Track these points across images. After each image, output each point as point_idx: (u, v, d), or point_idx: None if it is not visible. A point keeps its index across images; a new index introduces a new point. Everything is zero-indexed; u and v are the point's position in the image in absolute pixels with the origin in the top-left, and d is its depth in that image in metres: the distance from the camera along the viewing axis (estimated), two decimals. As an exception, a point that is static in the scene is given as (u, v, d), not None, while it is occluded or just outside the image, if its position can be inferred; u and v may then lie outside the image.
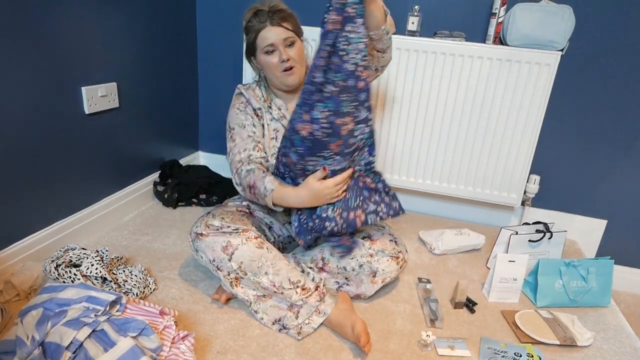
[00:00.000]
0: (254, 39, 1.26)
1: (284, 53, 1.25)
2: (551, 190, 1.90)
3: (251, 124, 1.34)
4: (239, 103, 1.37)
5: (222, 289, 1.29)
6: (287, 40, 1.25)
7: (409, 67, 1.72)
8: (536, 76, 1.62)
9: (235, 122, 1.35)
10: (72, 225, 1.49)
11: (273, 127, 1.36)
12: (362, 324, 1.13)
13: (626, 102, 1.70)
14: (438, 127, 1.78)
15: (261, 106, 1.36)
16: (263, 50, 1.26)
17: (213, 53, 2.06)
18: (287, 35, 1.25)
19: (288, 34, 1.25)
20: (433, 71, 1.71)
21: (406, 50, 1.70)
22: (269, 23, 1.23)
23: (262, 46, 1.25)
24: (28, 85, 1.26)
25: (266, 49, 1.25)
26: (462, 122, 1.75)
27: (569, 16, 1.54)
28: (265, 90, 1.39)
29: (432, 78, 1.72)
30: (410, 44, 1.68)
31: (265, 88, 1.39)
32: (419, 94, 1.75)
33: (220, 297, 1.28)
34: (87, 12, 1.41)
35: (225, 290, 1.27)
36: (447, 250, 1.66)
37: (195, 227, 1.24)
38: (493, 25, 1.64)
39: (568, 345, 1.22)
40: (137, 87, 1.71)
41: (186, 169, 2.00)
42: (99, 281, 1.23)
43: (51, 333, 0.93)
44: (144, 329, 0.98)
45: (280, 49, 1.25)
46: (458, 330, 1.26)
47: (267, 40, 1.24)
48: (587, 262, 1.41)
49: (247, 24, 1.28)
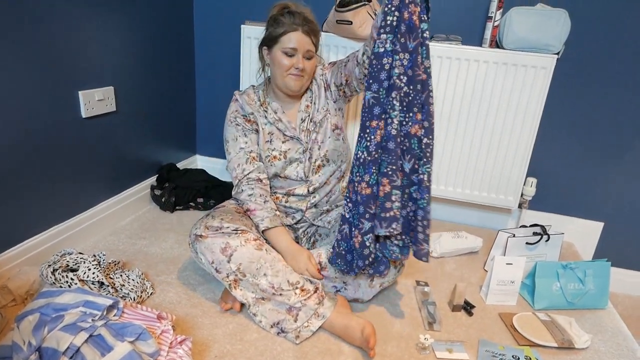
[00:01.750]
0: (280, 35, 1.29)
1: (301, 62, 1.30)
2: (548, 193, 1.90)
3: (242, 135, 1.39)
4: (231, 113, 1.42)
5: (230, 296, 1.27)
6: (308, 52, 1.31)
7: (406, 71, 1.72)
8: (532, 79, 1.63)
9: (229, 134, 1.41)
10: (69, 229, 1.49)
11: (268, 131, 1.39)
12: (371, 326, 1.13)
13: (622, 104, 1.71)
14: (435, 131, 1.78)
15: (254, 111, 1.40)
16: (283, 50, 1.29)
17: (210, 56, 2.07)
18: (310, 47, 1.31)
19: (311, 47, 1.32)
20: (430, 74, 1.71)
21: (403, 54, 1.70)
22: (301, 29, 1.28)
23: (285, 46, 1.29)
24: (24, 90, 1.26)
25: (287, 50, 1.29)
26: (458, 125, 1.75)
27: (565, 20, 1.55)
28: (262, 94, 1.40)
29: (429, 81, 1.72)
30: (407, 48, 1.69)
31: (263, 91, 1.41)
32: (416, 97, 1.75)
33: (233, 305, 1.26)
34: (83, 16, 1.41)
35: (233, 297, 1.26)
36: (444, 253, 1.66)
37: (195, 229, 1.24)
38: (489, 28, 1.65)
39: (566, 348, 1.23)
40: (134, 90, 1.71)
41: (183, 172, 1.99)
42: (96, 286, 1.23)
43: (48, 338, 0.92)
44: (142, 334, 0.97)
45: (299, 56, 1.30)
46: (456, 333, 1.26)
47: (293, 43, 1.28)
48: (584, 265, 1.42)
49: (279, 17, 1.30)
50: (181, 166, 2.10)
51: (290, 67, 1.30)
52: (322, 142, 1.39)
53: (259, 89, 1.43)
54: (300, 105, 1.41)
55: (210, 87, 2.12)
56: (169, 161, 2.03)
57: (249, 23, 1.82)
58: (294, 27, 1.27)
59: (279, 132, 1.39)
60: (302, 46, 1.29)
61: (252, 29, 1.80)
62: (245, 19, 1.95)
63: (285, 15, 1.29)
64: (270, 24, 1.32)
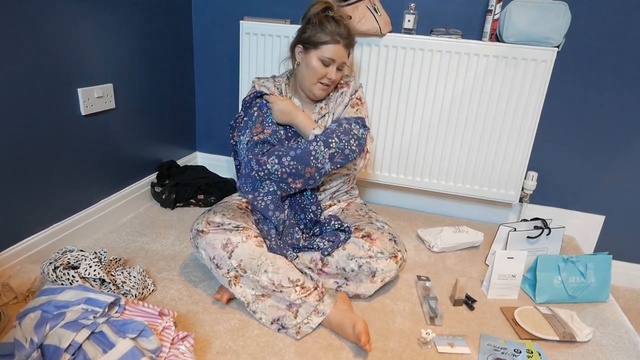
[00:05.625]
0: (323, 42, 1.30)
1: (334, 74, 1.33)
2: (549, 187, 1.90)
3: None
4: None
5: (223, 288, 1.29)
6: (342, 65, 1.34)
7: (406, 65, 1.72)
8: (533, 72, 1.63)
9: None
10: (69, 227, 1.49)
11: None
12: (363, 323, 1.13)
13: (623, 97, 1.71)
14: (435, 125, 1.78)
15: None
16: (321, 57, 1.31)
17: (209, 52, 2.06)
18: (345, 61, 1.34)
19: (345, 61, 1.35)
20: (430, 69, 1.71)
21: (402, 48, 1.70)
22: (343, 43, 1.30)
23: (324, 54, 1.31)
24: (23, 87, 1.26)
25: (324, 60, 1.31)
26: (459, 119, 1.75)
27: (565, 12, 1.54)
28: (285, 87, 1.43)
29: (429, 75, 1.72)
30: (406, 42, 1.68)
31: (286, 84, 1.42)
32: (416, 92, 1.75)
33: (221, 297, 1.27)
34: (82, 12, 1.41)
35: (226, 289, 1.27)
36: (445, 247, 1.66)
37: (196, 224, 1.24)
38: (489, 22, 1.64)
39: (567, 341, 1.23)
40: (134, 87, 1.71)
41: (184, 169, 1.99)
42: (97, 283, 1.23)
43: (50, 335, 0.93)
44: (143, 330, 0.97)
45: (333, 68, 1.32)
46: (457, 327, 1.26)
47: (333, 54, 1.30)
48: (585, 258, 1.42)
49: (324, 21, 1.30)
50: (181, 163, 2.10)
51: (324, 76, 1.33)
52: None
53: (281, 82, 1.44)
54: (316, 107, 1.44)
55: (209, 83, 2.12)
56: (169, 158, 2.03)
57: (247, 19, 1.81)
58: (337, 39, 1.29)
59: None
60: (339, 58, 1.32)
61: (251, 24, 1.79)
62: (244, 14, 1.94)
63: (330, 21, 1.29)
64: (314, 25, 1.31)
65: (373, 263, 1.26)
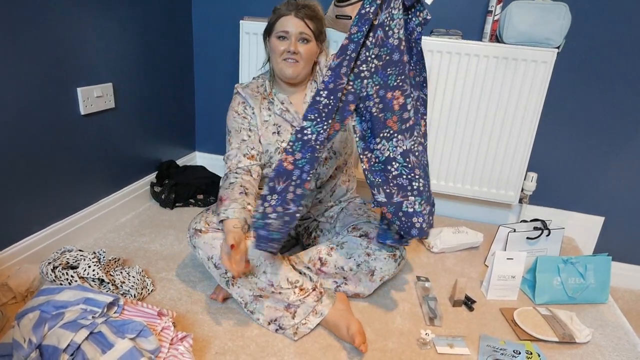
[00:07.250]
0: (274, 21, 1.30)
1: (294, 45, 1.28)
2: (549, 188, 1.90)
3: (247, 129, 1.35)
4: (237, 104, 1.37)
5: (219, 288, 1.29)
6: (302, 34, 1.28)
7: (406, 66, 1.72)
8: (533, 74, 1.63)
9: (232, 125, 1.36)
10: (68, 227, 1.49)
11: (273, 122, 1.36)
12: (357, 324, 1.12)
13: (623, 98, 1.71)
14: (435, 126, 1.78)
15: (255, 105, 1.36)
16: (276, 35, 1.29)
17: (209, 52, 2.06)
18: (304, 30, 1.28)
19: (305, 30, 1.28)
20: (430, 69, 1.70)
21: (403, 49, 1.70)
22: (293, 14, 1.28)
23: (278, 30, 1.29)
24: (23, 87, 1.25)
25: (279, 34, 1.29)
26: (459, 120, 1.75)
27: (565, 13, 1.54)
28: (269, 84, 1.39)
29: (429, 76, 1.72)
30: (406, 43, 1.68)
31: (269, 81, 1.40)
32: (416, 93, 1.75)
33: (217, 296, 1.27)
34: (82, 12, 1.40)
35: (222, 289, 1.27)
36: (445, 248, 1.66)
37: (195, 223, 1.24)
38: (489, 23, 1.64)
39: (567, 342, 1.23)
40: (133, 87, 1.71)
41: (183, 169, 1.99)
42: (96, 283, 1.22)
43: (48, 336, 0.92)
44: (142, 331, 0.97)
45: (292, 39, 1.28)
46: (457, 328, 1.26)
47: (284, 27, 1.28)
48: (585, 259, 1.42)
49: (276, 6, 1.32)
50: (181, 163, 2.09)
51: (284, 51, 1.29)
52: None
53: (264, 80, 1.42)
54: (306, 97, 1.39)
55: (209, 83, 2.11)
56: (168, 158, 2.02)
57: (247, 18, 1.81)
58: (286, 12, 1.28)
59: (286, 123, 1.37)
60: (294, 29, 1.27)
61: (251, 24, 1.79)
62: (244, 14, 1.94)
63: (281, 5, 1.30)
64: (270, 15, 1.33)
65: (372, 262, 1.26)
